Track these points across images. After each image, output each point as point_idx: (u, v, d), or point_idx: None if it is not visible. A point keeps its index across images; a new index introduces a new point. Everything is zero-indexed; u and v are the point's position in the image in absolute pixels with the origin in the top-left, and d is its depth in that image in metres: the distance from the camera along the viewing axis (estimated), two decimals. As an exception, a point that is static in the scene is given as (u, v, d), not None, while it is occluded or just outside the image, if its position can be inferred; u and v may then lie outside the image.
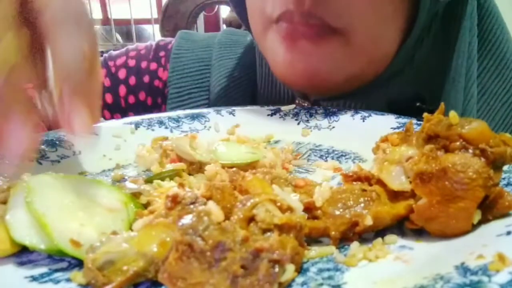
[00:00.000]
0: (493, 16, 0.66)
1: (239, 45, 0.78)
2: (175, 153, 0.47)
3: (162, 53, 0.78)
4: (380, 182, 0.35)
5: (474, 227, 0.32)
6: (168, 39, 0.82)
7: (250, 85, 0.73)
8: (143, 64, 0.78)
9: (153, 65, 0.78)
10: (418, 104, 0.62)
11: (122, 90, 0.77)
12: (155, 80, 0.77)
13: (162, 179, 0.43)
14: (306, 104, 0.65)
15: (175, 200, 0.31)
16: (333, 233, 0.32)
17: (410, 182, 0.33)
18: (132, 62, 0.78)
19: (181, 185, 0.35)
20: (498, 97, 0.67)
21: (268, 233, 0.29)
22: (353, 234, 0.33)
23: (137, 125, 0.58)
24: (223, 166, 0.44)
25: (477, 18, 0.64)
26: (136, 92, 0.77)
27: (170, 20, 1.83)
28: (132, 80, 0.77)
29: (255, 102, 0.72)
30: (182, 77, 0.75)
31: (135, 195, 0.38)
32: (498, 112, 0.67)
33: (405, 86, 0.63)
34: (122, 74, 0.77)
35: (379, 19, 0.56)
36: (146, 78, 0.77)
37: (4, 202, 0.34)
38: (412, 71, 0.62)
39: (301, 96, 0.66)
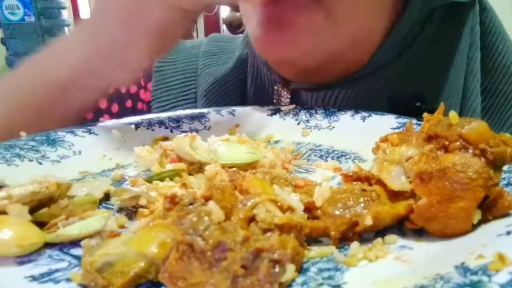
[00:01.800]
0: (495, 30, 0.65)
1: (226, 52, 0.76)
2: (175, 153, 0.47)
3: None
4: (380, 182, 0.35)
5: (474, 227, 0.32)
6: None
7: (238, 89, 0.72)
8: (123, 89, 0.75)
9: (133, 88, 0.76)
10: (418, 104, 0.61)
11: (107, 119, 0.74)
12: (138, 103, 0.76)
13: (162, 179, 0.43)
14: (285, 92, 0.63)
15: (173, 201, 0.31)
16: (333, 233, 0.32)
17: (410, 182, 0.33)
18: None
19: (184, 185, 0.35)
20: (502, 113, 0.67)
21: (269, 233, 0.29)
22: (353, 234, 0.33)
23: (137, 125, 0.58)
24: (223, 166, 0.44)
25: (479, 33, 0.64)
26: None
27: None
28: (115, 108, 0.75)
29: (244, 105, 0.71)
30: (166, 90, 0.73)
31: (134, 197, 0.38)
32: (502, 129, 0.67)
33: (391, 85, 0.61)
34: (103, 103, 0.74)
35: None
36: (128, 103, 0.76)
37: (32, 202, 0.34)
38: (399, 70, 0.61)
39: (282, 82, 0.64)
